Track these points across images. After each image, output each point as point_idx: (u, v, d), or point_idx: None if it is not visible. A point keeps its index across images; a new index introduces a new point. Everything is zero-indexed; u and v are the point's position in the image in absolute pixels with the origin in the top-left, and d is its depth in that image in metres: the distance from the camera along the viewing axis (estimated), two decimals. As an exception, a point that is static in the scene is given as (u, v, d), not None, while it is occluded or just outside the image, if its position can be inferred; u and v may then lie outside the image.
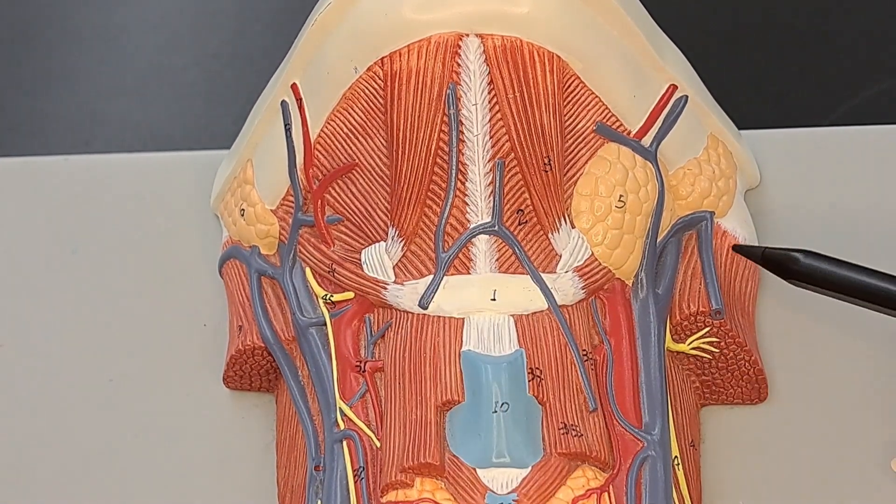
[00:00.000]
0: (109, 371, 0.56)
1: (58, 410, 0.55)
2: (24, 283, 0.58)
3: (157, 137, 0.76)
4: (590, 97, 0.50)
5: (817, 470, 0.52)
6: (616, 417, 0.48)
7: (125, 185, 0.61)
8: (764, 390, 0.53)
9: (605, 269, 0.50)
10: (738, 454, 0.52)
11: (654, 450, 0.48)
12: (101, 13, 0.81)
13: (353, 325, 0.50)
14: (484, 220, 0.49)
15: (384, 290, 0.50)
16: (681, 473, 0.49)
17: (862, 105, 0.75)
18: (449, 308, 0.49)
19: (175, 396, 0.55)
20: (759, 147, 0.59)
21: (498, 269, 0.49)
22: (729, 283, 0.53)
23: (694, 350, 0.52)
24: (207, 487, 0.53)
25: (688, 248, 0.53)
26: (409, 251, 0.50)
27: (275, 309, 0.53)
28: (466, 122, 0.49)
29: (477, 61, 0.48)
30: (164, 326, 0.57)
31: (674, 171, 0.53)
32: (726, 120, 0.56)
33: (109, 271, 0.58)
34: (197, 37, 0.80)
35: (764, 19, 0.79)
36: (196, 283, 0.57)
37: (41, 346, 0.57)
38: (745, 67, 0.77)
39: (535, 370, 0.48)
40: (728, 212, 0.54)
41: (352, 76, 0.50)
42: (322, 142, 0.51)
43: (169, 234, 0.59)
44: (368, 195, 0.50)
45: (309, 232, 0.52)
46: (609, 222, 0.50)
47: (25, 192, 0.61)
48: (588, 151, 0.50)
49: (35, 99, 0.78)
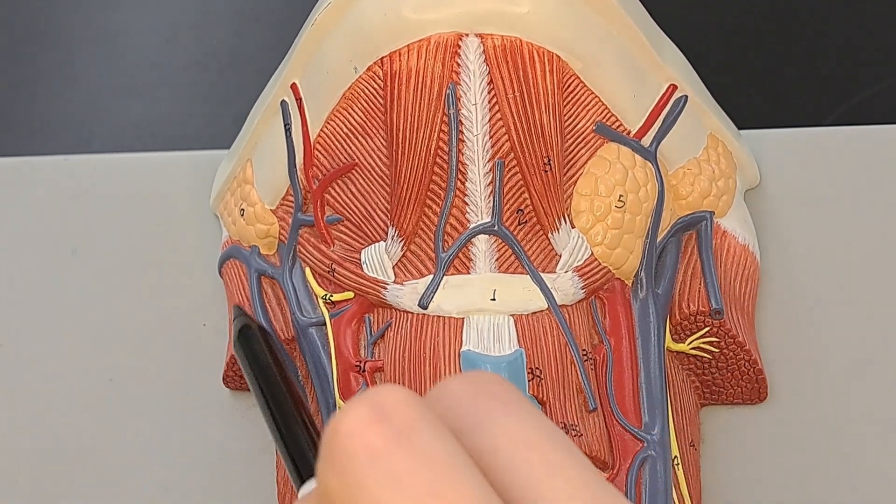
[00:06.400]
0: (109, 371, 0.56)
1: (58, 410, 0.55)
2: (24, 283, 0.58)
3: (157, 137, 0.76)
4: (589, 97, 0.50)
5: (817, 470, 0.52)
6: (616, 417, 0.48)
7: (125, 185, 0.61)
8: (764, 390, 0.53)
9: (604, 269, 0.50)
10: (738, 454, 0.52)
11: (653, 450, 0.48)
12: (100, 13, 0.81)
13: (353, 325, 0.50)
14: (484, 220, 0.49)
15: (384, 290, 0.50)
16: (680, 473, 0.49)
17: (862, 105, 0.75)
18: (449, 308, 0.49)
19: (175, 396, 0.55)
20: (759, 147, 0.59)
21: (498, 268, 0.49)
22: (729, 283, 0.53)
23: (694, 350, 0.52)
24: (207, 487, 0.53)
25: (688, 248, 0.53)
26: (408, 251, 0.50)
27: (274, 309, 0.53)
28: (466, 122, 0.48)
29: (477, 61, 0.48)
30: (164, 326, 0.57)
31: (673, 171, 0.53)
32: (726, 119, 0.56)
33: (109, 271, 0.58)
34: (197, 37, 0.80)
35: (764, 19, 0.79)
36: (196, 283, 0.57)
37: (41, 346, 0.57)
38: (745, 67, 0.77)
39: (535, 370, 0.47)
40: (728, 211, 0.54)
41: (351, 76, 0.50)
42: (322, 142, 0.51)
43: (168, 234, 0.59)
44: (368, 195, 0.50)
45: (309, 232, 0.52)
46: (609, 222, 0.50)
47: (25, 192, 0.61)
48: (588, 151, 0.50)
49: (35, 99, 0.78)
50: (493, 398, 0.31)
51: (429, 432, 0.30)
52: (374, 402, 0.30)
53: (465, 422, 0.31)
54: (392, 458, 0.29)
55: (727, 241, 0.54)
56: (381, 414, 0.30)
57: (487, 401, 0.31)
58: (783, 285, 0.54)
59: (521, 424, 0.31)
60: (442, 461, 0.29)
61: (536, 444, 0.30)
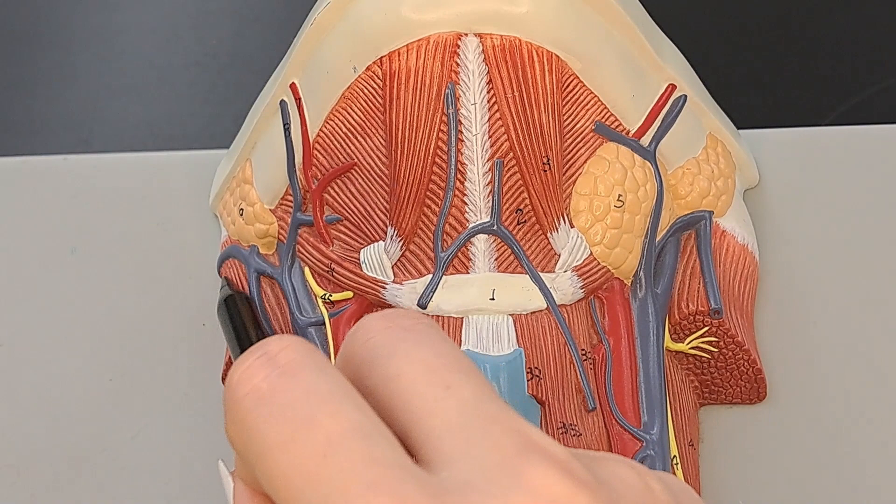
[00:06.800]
0: (109, 371, 0.56)
1: (58, 410, 0.55)
2: (24, 283, 0.58)
3: (157, 137, 0.76)
4: (589, 97, 0.50)
5: (816, 469, 0.52)
6: (615, 417, 0.48)
7: (124, 185, 0.61)
8: (763, 390, 0.53)
9: (603, 269, 0.50)
10: (737, 454, 0.52)
11: (652, 449, 0.48)
12: (100, 13, 0.81)
13: (352, 324, 0.50)
14: (483, 220, 0.49)
15: (383, 290, 0.50)
16: (680, 473, 0.49)
17: (862, 105, 0.75)
18: (448, 308, 0.49)
19: (174, 396, 0.55)
20: (758, 147, 0.59)
21: (497, 268, 0.49)
22: (728, 283, 0.53)
23: (693, 349, 0.52)
24: (207, 487, 0.53)
25: (686, 248, 0.53)
26: (407, 251, 0.49)
27: (274, 308, 0.53)
28: (465, 122, 0.48)
29: (476, 61, 0.48)
30: (163, 326, 0.57)
31: (673, 171, 0.53)
32: (725, 119, 0.56)
33: (109, 271, 0.58)
34: (197, 37, 0.80)
35: (764, 19, 0.79)
36: (195, 283, 0.57)
37: (41, 346, 0.57)
38: (745, 67, 0.77)
39: (534, 370, 0.47)
40: (727, 211, 0.54)
41: (351, 76, 0.50)
42: (321, 141, 0.51)
43: (168, 233, 0.59)
44: (367, 195, 0.50)
45: (308, 231, 0.52)
46: (608, 222, 0.50)
47: (25, 192, 0.61)
48: (587, 151, 0.50)
49: (34, 99, 0.78)
50: (405, 330, 0.32)
51: (312, 369, 0.31)
52: (262, 351, 0.31)
53: (376, 353, 0.32)
54: (275, 396, 0.31)
55: (726, 241, 0.54)
56: (267, 360, 0.31)
57: (398, 332, 0.32)
58: (782, 285, 0.54)
59: (424, 351, 0.32)
60: (322, 393, 0.30)
61: (435, 368, 0.31)
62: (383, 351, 0.32)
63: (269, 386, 0.31)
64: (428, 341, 0.32)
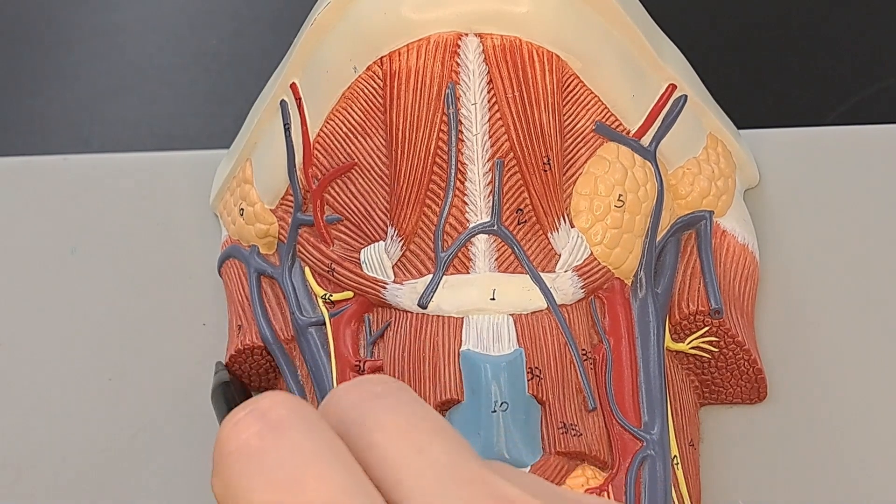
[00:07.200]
0: (109, 371, 0.56)
1: (58, 410, 0.55)
2: (24, 283, 0.58)
3: (157, 137, 0.76)
4: (589, 96, 0.50)
5: (816, 469, 0.52)
6: (615, 417, 0.48)
7: (124, 185, 0.61)
8: (763, 390, 0.53)
9: (604, 269, 0.50)
10: (737, 454, 0.52)
11: (653, 449, 0.48)
12: (100, 13, 0.81)
13: (353, 324, 0.50)
14: (483, 220, 0.49)
15: (383, 290, 0.50)
16: (680, 473, 0.49)
17: (862, 105, 0.75)
18: (448, 308, 0.49)
19: (174, 396, 0.55)
20: (758, 147, 0.59)
21: (497, 268, 0.49)
22: (728, 283, 0.53)
23: (693, 349, 0.52)
24: (207, 487, 0.53)
25: (687, 248, 0.53)
26: (408, 251, 0.49)
27: (274, 308, 0.53)
28: (465, 122, 0.48)
29: (476, 61, 0.48)
30: (163, 326, 0.57)
31: (673, 171, 0.53)
32: (725, 119, 0.56)
33: (108, 271, 0.58)
34: (197, 37, 0.80)
35: (764, 19, 0.79)
36: (195, 283, 0.57)
37: (41, 346, 0.57)
38: (745, 67, 0.77)
39: (535, 370, 0.47)
40: (727, 211, 0.54)
41: (351, 75, 0.50)
42: (321, 141, 0.51)
43: (168, 233, 0.59)
44: (367, 195, 0.50)
45: (308, 231, 0.52)
46: (608, 221, 0.50)
47: (25, 192, 0.61)
48: (587, 151, 0.50)
49: (34, 98, 0.78)
50: (376, 398, 0.32)
51: (301, 428, 0.31)
52: (253, 407, 0.31)
53: (351, 425, 0.32)
54: (262, 453, 0.30)
55: (726, 241, 0.54)
56: (257, 416, 0.31)
57: (370, 400, 0.32)
58: (783, 285, 0.54)
59: (396, 417, 0.32)
60: (309, 453, 0.30)
61: (407, 432, 0.31)
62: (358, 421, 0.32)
63: (259, 444, 0.31)
64: (396, 405, 0.32)
